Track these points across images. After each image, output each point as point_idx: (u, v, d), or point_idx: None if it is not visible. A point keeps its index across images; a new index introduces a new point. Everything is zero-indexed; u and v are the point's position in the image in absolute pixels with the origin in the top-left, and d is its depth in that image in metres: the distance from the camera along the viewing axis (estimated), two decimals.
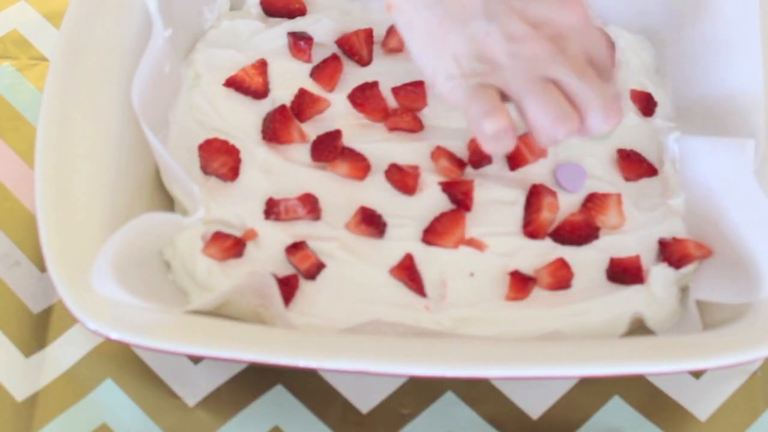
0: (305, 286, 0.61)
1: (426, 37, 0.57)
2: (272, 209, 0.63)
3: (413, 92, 0.69)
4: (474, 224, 0.64)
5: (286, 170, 0.65)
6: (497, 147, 0.57)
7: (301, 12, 0.72)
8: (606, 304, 0.61)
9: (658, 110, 0.71)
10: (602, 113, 0.56)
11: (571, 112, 0.56)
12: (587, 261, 0.64)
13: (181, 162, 0.61)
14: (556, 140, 0.57)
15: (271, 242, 0.62)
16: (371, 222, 0.63)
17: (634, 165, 0.68)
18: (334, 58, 0.70)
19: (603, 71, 0.58)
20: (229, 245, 0.61)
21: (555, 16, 0.56)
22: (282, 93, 0.68)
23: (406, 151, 0.67)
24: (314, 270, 0.61)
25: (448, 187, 0.65)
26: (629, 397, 0.63)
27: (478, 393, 0.63)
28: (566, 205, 0.66)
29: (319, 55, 0.70)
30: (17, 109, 0.72)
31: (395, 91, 0.69)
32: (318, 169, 0.66)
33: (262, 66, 0.69)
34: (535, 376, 0.55)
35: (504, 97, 0.57)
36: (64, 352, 0.63)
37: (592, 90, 0.56)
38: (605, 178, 0.67)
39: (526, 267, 0.63)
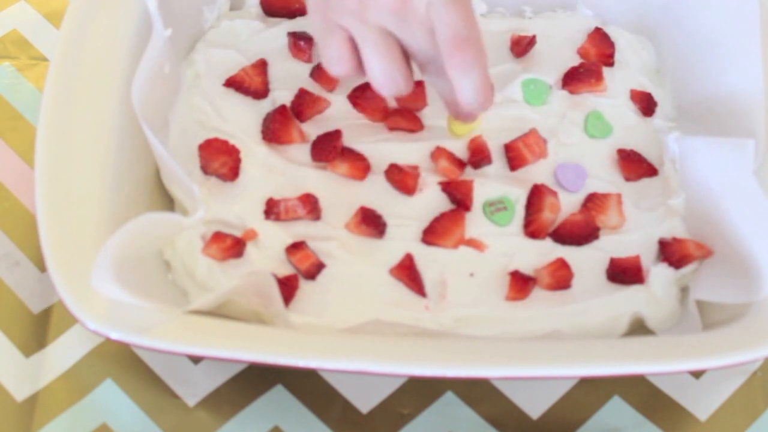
0: (305, 286, 0.61)
1: None
2: (272, 209, 0.63)
3: (413, 92, 0.68)
4: (474, 224, 0.64)
5: (286, 170, 0.65)
6: (337, 72, 0.60)
7: (301, 12, 0.72)
8: (606, 304, 0.61)
9: (658, 110, 0.71)
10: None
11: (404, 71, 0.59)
12: (587, 261, 0.63)
13: (181, 162, 0.62)
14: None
15: (271, 242, 0.62)
16: (371, 222, 0.63)
17: (634, 165, 0.68)
18: None
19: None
20: (229, 245, 0.61)
21: None
22: (282, 93, 0.68)
23: (406, 151, 0.67)
24: (314, 270, 0.61)
25: (447, 187, 0.65)
26: (629, 397, 0.63)
27: (478, 393, 0.63)
28: (566, 205, 0.66)
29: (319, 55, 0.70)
30: (17, 109, 0.72)
31: None
32: (318, 169, 0.66)
33: (262, 66, 0.69)
34: (535, 376, 0.55)
35: None
36: (64, 352, 0.63)
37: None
38: (605, 178, 0.67)
39: (526, 267, 0.63)
